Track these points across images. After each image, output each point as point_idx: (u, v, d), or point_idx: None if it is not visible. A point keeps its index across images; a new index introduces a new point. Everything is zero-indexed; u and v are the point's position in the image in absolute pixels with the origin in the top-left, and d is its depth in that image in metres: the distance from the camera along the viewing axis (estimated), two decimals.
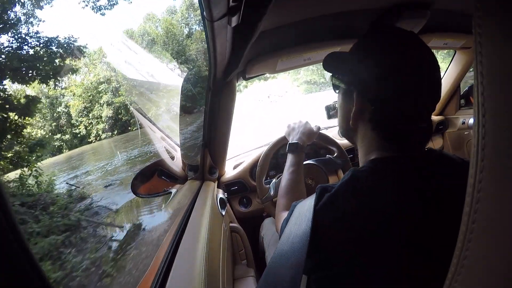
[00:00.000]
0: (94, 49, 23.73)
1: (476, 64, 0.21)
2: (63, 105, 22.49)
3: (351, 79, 0.51)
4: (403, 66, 0.44)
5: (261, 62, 0.87)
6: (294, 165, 0.83)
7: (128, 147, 14.24)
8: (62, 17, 39.11)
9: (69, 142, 21.79)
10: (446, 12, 0.83)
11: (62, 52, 6.39)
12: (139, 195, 0.99)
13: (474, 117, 0.21)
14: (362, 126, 0.51)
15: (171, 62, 23.39)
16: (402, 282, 0.38)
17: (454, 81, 1.53)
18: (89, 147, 20.40)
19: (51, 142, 19.96)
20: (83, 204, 4.73)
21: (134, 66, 21.89)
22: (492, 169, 0.21)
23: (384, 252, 0.39)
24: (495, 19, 0.20)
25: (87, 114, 22.19)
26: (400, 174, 0.43)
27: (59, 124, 21.82)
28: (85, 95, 22.47)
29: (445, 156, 0.48)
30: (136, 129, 20.51)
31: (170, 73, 21.72)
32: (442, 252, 0.34)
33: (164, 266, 0.55)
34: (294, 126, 0.99)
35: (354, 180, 0.44)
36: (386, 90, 0.45)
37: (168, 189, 1.06)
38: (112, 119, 21.96)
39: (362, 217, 0.40)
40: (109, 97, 22.10)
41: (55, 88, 23.04)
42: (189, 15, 25.48)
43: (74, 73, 23.14)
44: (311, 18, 0.72)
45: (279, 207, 0.74)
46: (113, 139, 20.91)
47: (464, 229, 0.22)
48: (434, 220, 0.39)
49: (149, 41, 24.35)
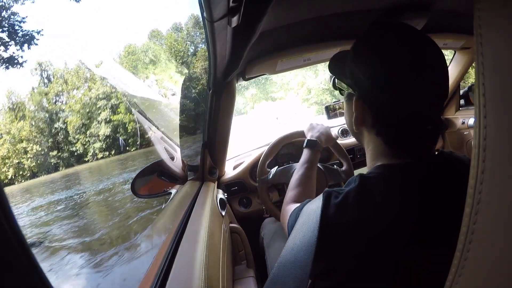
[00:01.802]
0: (95, 63, 23.66)
1: (477, 64, 0.21)
2: (61, 121, 21.98)
3: (351, 82, 0.49)
4: (400, 67, 0.41)
5: (261, 62, 0.87)
6: (309, 162, 0.82)
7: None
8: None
9: (66, 160, 21.06)
10: (446, 12, 0.83)
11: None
12: (139, 196, 0.99)
13: (475, 118, 0.21)
14: (366, 131, 0.49)
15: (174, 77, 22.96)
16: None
17: (454, 81, 1.53)
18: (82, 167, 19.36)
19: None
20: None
21: (134, 83, 21.96)
22: (493, 170, 0.21)
23: (392, 261, 0.38)
24: (496, 20, 0.20)
25: (85, 131, 21.51)
26: (409, 183, 0.42)
27: (56, 141, 21.31)
28: (83, 111, 21.84)
29: (454, 158, 0.45)
30: (135, 149, 19.81)
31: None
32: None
33: (164, 266, 0.55)
34: (315, 126, 0.99)
35: (363, 188, 0.42)
36: (384, 94, 0.43)
37: (168, 190, 1.06)
38: (110, 138, 21.24)
39: (370, 226, 0.39)
40: (107, 114, 21.39)
41: (55, 103, 22.38)
42: (195, 33, 25.33)
43: (75, 89, 22.53)
44: (311, 18, 0.72)
45: (287, 200, 0.73)
46: (111, 160, 20.04)
47: (465, 230, 0.22)
48: (445, 228, 0.37)
49: (153, 57, 24.08)
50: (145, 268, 0.57)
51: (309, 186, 0.76)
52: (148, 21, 37.66)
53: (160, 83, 23.71)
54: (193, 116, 1.47)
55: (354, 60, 0.47)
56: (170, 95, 22.14)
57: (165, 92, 23.22)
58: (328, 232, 0.40)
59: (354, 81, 0.47)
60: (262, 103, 18.85)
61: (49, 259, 4.96)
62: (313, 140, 0.89)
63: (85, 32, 39.37)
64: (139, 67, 23.76)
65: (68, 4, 41.28)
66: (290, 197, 0.73)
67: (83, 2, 39.84)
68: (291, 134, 1.13)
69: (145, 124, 1.19)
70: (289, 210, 0.59)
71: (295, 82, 13.27)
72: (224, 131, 1.09)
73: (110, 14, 42.47)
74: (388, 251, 0.38)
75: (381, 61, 0.42)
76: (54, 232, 7.08)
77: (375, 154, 0.48)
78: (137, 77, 23.11)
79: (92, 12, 41.54)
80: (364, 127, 0.49)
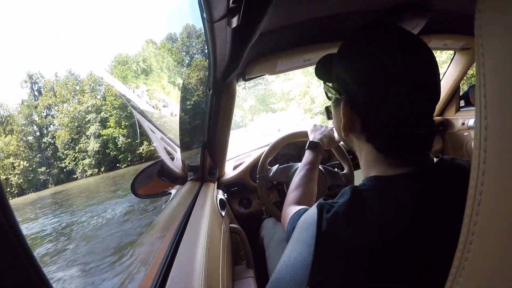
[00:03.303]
0: (85, 74, 22.64)
1: (478, 65, 0.21)
2: (49, 136, 21.05)
3: (338, 87, 0.47)
4: (388, 70, 0.39)
5: (261, 63, 0.87)
6: (310, 163, 0.82)
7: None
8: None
9: (56, 177, 19.96)
10: (446, 13, 0.84)
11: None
12: (138, 196, 0.99)
13: (476, 119, 0.21)
14: (356, 138, 0.48)
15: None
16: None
17: (454, 82, 1.53)
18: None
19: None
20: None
21: (127, 94, 20.57)
22: (494, 171, 0.21)
23: (389, 275, 0.37)
24: (497, 20, 0.20)
25: (74, 147, 20.56)
26: (404, 197, 0.39)
27: (45, 156, 20.41)
28: (71, 125, 20.90)
29: (456, 165, 0.42)
30: (126, 166, 18.80)
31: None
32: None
33: (164, 266, 0.55)
34: (318, 127, 0.99)
35: (354, 202, 0.41)
36: (372, 99, 0.40)
37: (168, 190, 1.06)
38: (99, 153, 20.21)
39: (365, 239, 0.38)
40: (96, 128, 20.34)
41: (46, 117, 21.29)
42: (191, 43, 24.86)
43: (64, 102, 21.29)
44: (310, 19, 0.72)
45: (288, 201, 0.73)
46: (101, 177, 18.60)
47: (466, 231, 0.22)
48: (445, 239, 0.35)
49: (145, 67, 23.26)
50: (145, 268, 0.57)
51: (310, 187, 0.76)
52: (148, 22, 37.71)
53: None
54: (192, 116, 1.45)
55: (341, 64, 0.45)
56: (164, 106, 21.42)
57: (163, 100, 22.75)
58: (322, 246, 0.40)
59: (341, 86, 0.46)
60: (262, 115, 18.09)
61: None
62: (315, 142, 0.89)
63: (83, 34, 39.27)
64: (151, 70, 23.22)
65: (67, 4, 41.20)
66: (291, 199, 0.73)
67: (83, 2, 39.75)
68: (293, 134, 1.13)
69: (145, 125, 1.19)
70: (289, 212, 0.59)
71: (296, 92, 12.95)
72: (224, 132, 1.10)
73: (111, 16, 42.50)
74: (380, 267, 0.37)
75: (368, 65, 0.40)
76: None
77: (368, 162, 0.47)
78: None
79: (91, 12, 41.56)
80: (353, 133, 0.47)
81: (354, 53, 0.43)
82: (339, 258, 0.40)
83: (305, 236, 0.42)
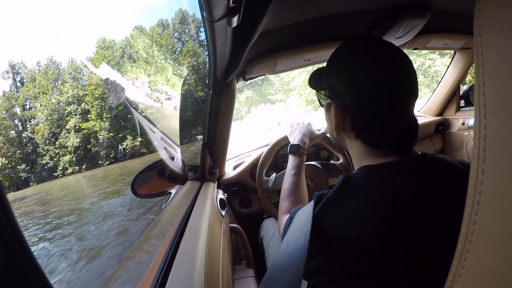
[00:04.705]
0: (66, 62, 20.84)
1: (477, 65, 0.21)
2: (29, 130, 19.45)
3: (328, 93, 0.54)
4: (369, 78, 0.45)
5: (261, 62, 0.87)
6: (295, 168, 0.83)
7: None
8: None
9: (37, 175, 18.50)
10: (446, 13, 0.84)
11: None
12: (138, 196, 0.99)
13: (475, 119, 0.21)
14: (347, 136, 0.54)
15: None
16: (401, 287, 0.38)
17: (454, 82, 1.53)
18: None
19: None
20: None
21: (110, 84, 18.92)
22: (493, 170, 0.21)
23: (377, 256, 0.39)
24: (496, 20, 0.20)
25: (54, 142, 18.96)
26: (388, 181, 0.44)
27: (25, 152, 18.92)
28: (51, 118, 19.23)
29: (438, 160, 0.47)
30: (108, 163, 17.39)
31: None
32: (438, 257, 0.35)
33: (164, 266, 0.55)
34: (296, 127, 0.99)
35: (345, 186, 0.46)
36: (358, 102, 0.47)
37: (168, 190, 1.06)
38: (80, 149, 18.58)
39: (354, 222, 0.41)
40: (76, 121, 18.72)
41: (30, 109, 19.35)
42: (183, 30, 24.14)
43: (44, 92, 19.20)
44: (311, 19, 0.72)
45: (281, 210, 0.74)
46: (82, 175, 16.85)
47: (465, 230, 0.22)
48: (420, 224, 0.40)
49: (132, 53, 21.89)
50: (145, 268, 0.57)
51: (300, 193, 0.77)
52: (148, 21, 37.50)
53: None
54: (193, 116, 1.44)
55: (330, 73, 0.52)
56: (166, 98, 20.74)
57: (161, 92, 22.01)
58: (316, 231, 0.43)
59: (331, 92, 0.52)
60: (259, 107, 17.44)
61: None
62: (295, 145, 0.89)
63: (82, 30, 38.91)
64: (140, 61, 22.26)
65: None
66: (284, 208, 0.74)
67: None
68: (277, 142, 1.14)
69: (143, 124, 1.19)
70: (283, 220, 0.61)
71: (299, 80, 12.45)
72: (224, 131, 1.10)
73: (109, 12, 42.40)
74: (371, 247, 0.39)
75: (353, 74, 0.47)
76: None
77: (358, 156, 0.52)
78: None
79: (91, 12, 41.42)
80: (344, 132, 0.53)
81: (341, 63, 0.50)
82: (329, 241, 0.43)
83: (302, 225, 0.45)
